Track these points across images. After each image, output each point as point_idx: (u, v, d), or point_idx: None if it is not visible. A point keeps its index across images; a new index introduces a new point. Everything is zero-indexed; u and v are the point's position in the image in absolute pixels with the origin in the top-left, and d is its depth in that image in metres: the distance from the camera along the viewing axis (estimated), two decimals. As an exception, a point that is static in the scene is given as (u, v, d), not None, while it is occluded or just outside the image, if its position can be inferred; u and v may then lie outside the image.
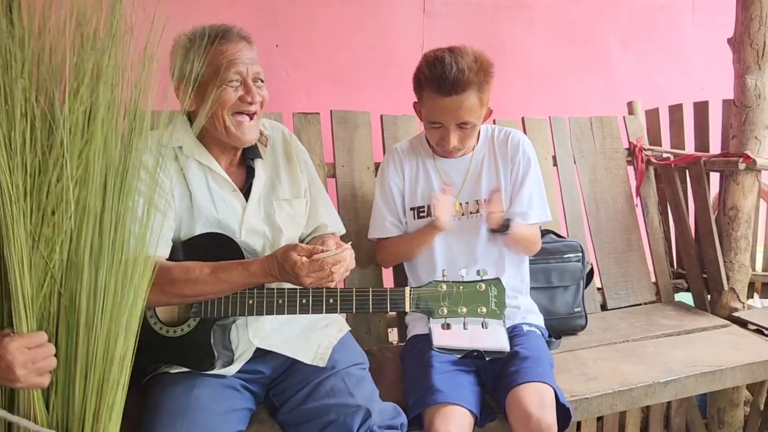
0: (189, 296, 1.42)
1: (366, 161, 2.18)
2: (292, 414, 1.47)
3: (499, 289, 1.41)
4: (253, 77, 1.49)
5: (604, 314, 2.34)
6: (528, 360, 1.58)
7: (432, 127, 1.72)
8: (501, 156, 1.83)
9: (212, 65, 1.45)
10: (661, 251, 2.53)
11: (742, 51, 2.25)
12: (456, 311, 1.40)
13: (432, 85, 1.64)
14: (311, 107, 2.15)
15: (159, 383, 1.47)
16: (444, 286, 1.42)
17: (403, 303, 1.42)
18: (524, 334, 1.72)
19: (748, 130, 2.25)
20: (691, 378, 1.83)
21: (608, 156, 2.50)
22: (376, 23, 2.69)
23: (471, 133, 1.73)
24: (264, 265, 1.39)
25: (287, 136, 1.72)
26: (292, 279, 1.37)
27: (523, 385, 1.50)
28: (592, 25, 3.16)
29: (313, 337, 1.60)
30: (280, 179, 1.65)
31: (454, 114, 1.65)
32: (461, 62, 1.62)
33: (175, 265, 1.45)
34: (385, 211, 1.84)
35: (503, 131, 1.86)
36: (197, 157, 1.54)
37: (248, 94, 1.48)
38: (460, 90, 1.62)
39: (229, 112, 1.48)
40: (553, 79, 3.06)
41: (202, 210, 1.53)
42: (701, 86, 3.24)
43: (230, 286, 1.41)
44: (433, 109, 1.68)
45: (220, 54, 1.46)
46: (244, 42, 1.51)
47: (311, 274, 1.34)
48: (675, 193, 2.47)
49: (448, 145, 1.71)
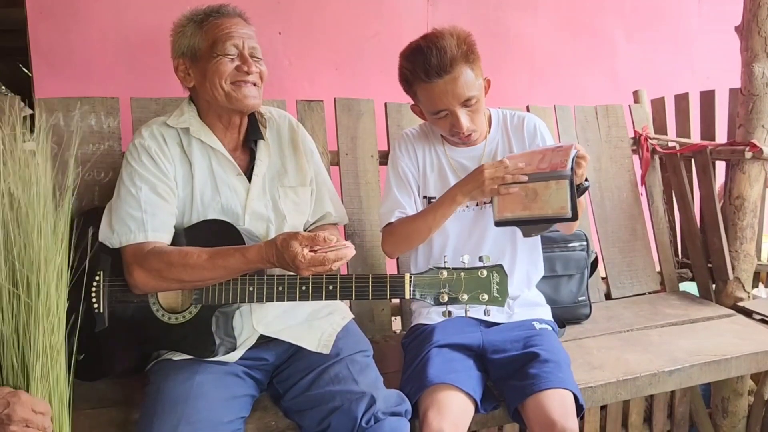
0: (187, 281, 1.42)
1: (370, 149, 2.17)
2: (297, 400, 1.46)
3: (501, 275, 1.39)
4: (249, 51, 1.49)
5: (608, 303, 2.33)
6: (549, 364, 1.54)
7: (438, 118, 1.64)
8: (517, 141, 1.76)
9: (208, 38, 1.47)
10: (665, 240, 2.52)
11: (749, 39, 2.23)
12: (457, 298, 1.39)
13: (420, 75, 1.57)
14: (314, 95, 2.14)
15: (161, 370, 1.47)
16: (445, 272, 1.40)
17: (402, 290, 1.40)
18: (538, 332, 1.68)
19: (755, 119, 2.24)
20: (696, 367, 1.82)
21: (613, 145, 2.49)
22: (380, 10, 2.67)
23: (478, 109, 1.65)
24: (262, 252, 1.38)
25: (294, 125, 1.71)
26: (290, 268, 1.36)
27: (547, 391, 1.47)
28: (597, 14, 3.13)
29: (317, 324, 1.59)
30: (286, 168, 1.64)
31: (454, 94, 1.57)
32: (438, 42, 1.56)
33: (173, 249, 1.45)
34: (399, 196, 1.74)
35: (516, 115, 1.79)
36: (203, 138, 1.53)
37: (245, 63, 1.48)
38: (449, 68, 1.55)
39: (227, 81, 1.48)
40: (557, 68, 3.03)
41: (205, 195, 1.53)
42: (707, 76, 3.22)
43: (227, 272, 1.40)
44: (431, 99, 1.60)
45: (216, 27, 1.48)
46: (239, 18, 1.52)
47: (311, 268, 1.33)
48: (680, 182, 2.46)
49: (461, 128, 1.62)
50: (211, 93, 1.49)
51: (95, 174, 1.85)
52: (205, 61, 1.47)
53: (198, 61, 1.49)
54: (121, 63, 2.31)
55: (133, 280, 1.44)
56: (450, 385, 1.50)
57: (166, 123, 1.55)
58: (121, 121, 1.89)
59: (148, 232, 1.45)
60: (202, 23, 1.49)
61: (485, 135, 1.76)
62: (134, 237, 1.44)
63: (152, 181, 1.48)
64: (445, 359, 1.59)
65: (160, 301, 1.50)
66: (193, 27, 1.49)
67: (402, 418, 1.41)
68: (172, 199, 1.50)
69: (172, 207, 1.50)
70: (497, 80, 1.71)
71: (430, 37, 1.59)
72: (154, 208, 1.47)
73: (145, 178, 1.48)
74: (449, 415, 1.44)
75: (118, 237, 1.45)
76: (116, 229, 1.46)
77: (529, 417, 1.49)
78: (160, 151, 1.51)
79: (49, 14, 2.24)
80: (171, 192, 1.50)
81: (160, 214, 1.47)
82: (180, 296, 1.51)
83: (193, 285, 1.43)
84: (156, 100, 1.94)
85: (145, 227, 1.45)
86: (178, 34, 1.52)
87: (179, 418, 1.30)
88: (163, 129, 1.54)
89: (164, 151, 1.51)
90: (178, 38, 1.52)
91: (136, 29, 2.34)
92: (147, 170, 1.49)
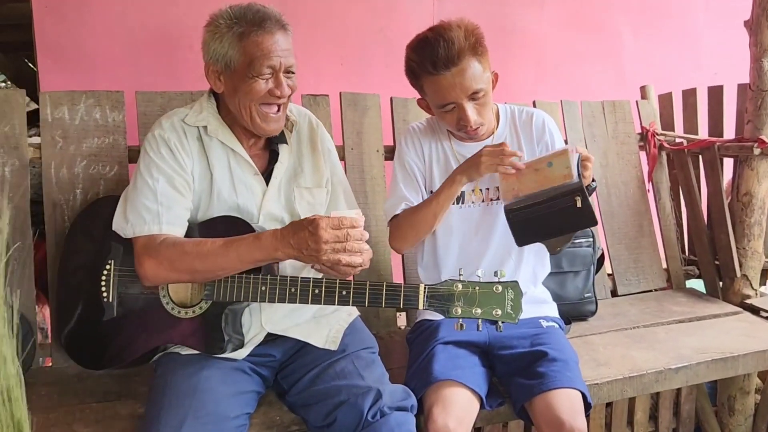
0: (199, 271, 1.40)
1: (375, 144, 2.16)
2: (302, 395, 1.46)
3: (516, 292, 1.39)
4: (285, 70, 1.46)
5: (614, 300, 2.32)
6: (557, 363, 1.53)
7: (445, 111, 1.62)
8: (525, 137, 1.74)
9: (246, 55, 1.42)
10: (672, 237, 2.50)
11: (759, 34, 2.21)
12: (470, 312, 1.38)
13: (427, 67, 1.55)
14: (320, 89, 2.13)
15: (169, 363, 1.47)
16: (459, 285, 1.39)
17: (416, 300, 1.39)
18: (545, 330, 1.67)
19: (763, 115, 2.22)
20: (702, 365, 1.81)
21: (620, 141, 2.47)
22: (385, 5, 2.66)
23: (486, 102, 1.62)
24: (276, 234, 1.36)
25: (314, 124, 1.69)
26: (308, 244, 1.31)
27: (555, 391, 1.47)
28: (604, 9, 3.11)
29: (324, 321, 1.60)
30: (302, 167, 1.63)
31: (461, 86, 1.55)
32: (446, 34, 1.53)
33: (187, 239, 1.45)
34: (405, 190, 1.72)
35: (524, 111, 1.77)
36: (221, 138, 1.53)
37: (278, 87, 1.45)
38: (456, 60, 1.52)
39: (257, 103, 1.46)
40: (564, 63, 3.02)
41: (222, 192, 1.52)
42: (715, 71, 3.20)
43: (240, 258, 1.38)
44: (438, 92, 1.58)
45: (256, 45, 1.42)
46: (280, 31, 1.45)
47: (329, 241, 1.29)
48: (688, 178, 2.44)
49: (468, 122, 1.59)
50: (238, 109, 1.47)
51: (100, 168, 1.84)
52: (239, 77, 1.44)
53: (232, 74, 1.45)
54: (127, 57, 2.31)
55: (143, 270, 1.43)
56: (455, 382, 1.49)
57: (184, 120, 1.52)
58: (126, 114, 1.88)
59: (162, 224, 1.44)
60: (242, 37, 1.42)
61: (493, 130, 1.74)
62: (148, 228, 1.44)
63: (170, 174, 1.47)
64: (450, 355, 1.58)
65: (170, 294, 1.50)
66: (232, 38, 1.42)
67: (408, 413, 1.40)
68: (188, 194, 1.49)
69: (187, 201, 1.49)
70: (503, 75, 1.70)
71: (437, 29, 1.57)
72: (170, 201, 1.46)
73: (162, 170, 1.47)
74: (454, 411, 1.44)
75: (132, 227, 1.45)
76: (130, 219, 1.45)
77: (537, 416, 1.48)
78: (179, 143, 1.49)
79: (55, 8, 2.24)
80: (187, 186, 1.49)
81: (176, 207, 1.46)
82: (191, 291, 1.51)
83: (204, 276, 1.42)
84: (161, 93, 1.93)
85: (159, 219, 1.44)
86: (215, 39, 1.45)
87: (186, 412, 1.30)
88: (183, 123, 1.53)
89: (183, 143, 1.50)
90: (213, 42, 1.45)
91: (142, 23, 2.34)
92: (165, 162, 1.47)
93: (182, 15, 2.38)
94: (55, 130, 1.83)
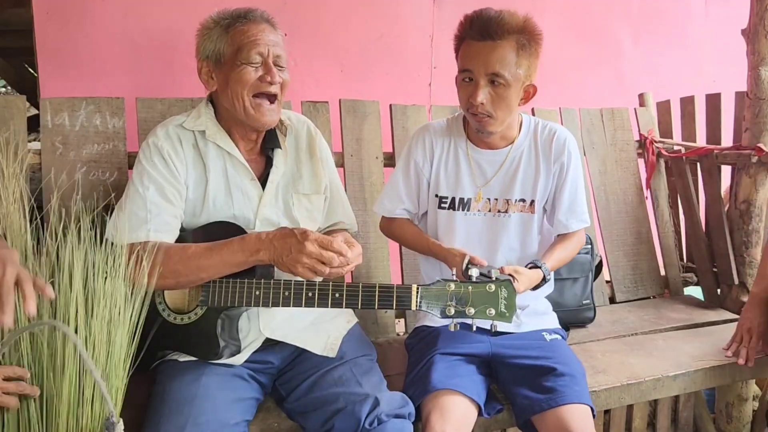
0: (182, 274, 1.40)
1: (375, 151, 2.16)
2: (300, 402, 1.46)
3: (509, 291, 1.38)
4: (273, 59, 1.48)
5: (612, 307, 2.33)
6: (565, 378, 1.52)
7: (462, 80, 1.58)
8: (544, 154, 1.69)
9: (234, 44, 1.45)
10: (670, 244, 2.51)
11: (756, 42, 2.22)
12: (464, 311, 1.37)
13: (470, 30, 1.54)
14: (320, 96, 2.14)
15: (167, 370, 1.47)
16: (452, 285, 1.39)
17: (409, 301, 1.39)
18: (548, 343, 1.66)
19: (761, 123, 2.23)
20: (700, 372, 1.82)
21: (619, 148, 2.48)
22: (385, 12, 2.67)
23: (503, 96, 1.55)
24: (261, 235, 1.37)
25: (313, 131, 1.70)
26: (291, 252, 1.33)
27: (567, 406, 1.46)
28: (603, 16, 3.12)
29: (323, 327, 1.60)
30: (301, 174, 1.64)
31: (485, 59, 1.51)
32: (505, 13, 1.53)
33: (173, 244, 1.45)
34: (401, 190, 1.74)
35: (548, 127, 1.72)
36: (219, 141, 1.53)
37: (268, 73, 1.46)
38: (496, 35, 1.50)
39: (249, 93, 1.47)
40: (563, 70, 3.02)
41: (218, 198, 1.52)
42: (713, 79, 3.21)
43: (221, 260, 1.39)
44: (465, 56, 1.56)
45: (242, 33, 1.46)
46: (267, 24, 1.50)
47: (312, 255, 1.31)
48: (686, 186, 2.45)
49: (475, 99, 1.54)
50: (231, 101, 1.48)
51: (100, 174, 1.85)
52: (229, 67, 1.46)
53: (222, 66, 1.48)
54: (127, 63, 2.31)
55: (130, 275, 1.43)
56: (453, 390, 1.49)
57: (182, 125, 1.54)
58: (126, 121, 1.89)
59: (150, 231, 1.45)
60: (228, 28, 1.47)
61: (513, 140, 1.70)
62: (136, 236, 1.44)
63: (160, 183, 1.48)
64: (448, 365, 1.58)
65: (166, 300, 1.50)
66: (219, 31, 1.47)
67: (405, 421, 1.40)
68: (178, 202, 1.50)
69: (177, 210, 1.50)
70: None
71: (504, 10, 1.56)
72: (159, 208, 1.47)
73: (153, 179, 1.48)
74: (452, 420, 1.44)
75: (120, 234, 1.45)
76: (119, 226, 1.46)
77: (548, 431, 1.48)
78: (173, 152, 1.50)
79: (56, 15, 2.24)
80: (178, 195, 1.50)
81: (164, 215, 1.47)
82: (187, 297, 1.51)
83: (187, 279, 1.42)
84: (161, 100, 1.94)
85: (147, 226, 1.45)
86: (204, 37, 1.50)
87: (186, 419, 1.30)
88: (179, 130, 1.54)
89: (177, 152, 1.51)
90: (203, 40, 1.50)
91: (142, 30, 2.34)
92: (157, 171, 1.48)
93: (183, 22, 2.38)
94: (55, 136, 1.83)
